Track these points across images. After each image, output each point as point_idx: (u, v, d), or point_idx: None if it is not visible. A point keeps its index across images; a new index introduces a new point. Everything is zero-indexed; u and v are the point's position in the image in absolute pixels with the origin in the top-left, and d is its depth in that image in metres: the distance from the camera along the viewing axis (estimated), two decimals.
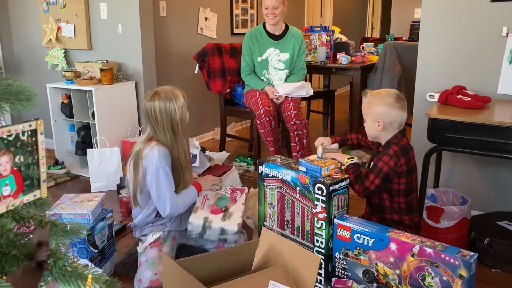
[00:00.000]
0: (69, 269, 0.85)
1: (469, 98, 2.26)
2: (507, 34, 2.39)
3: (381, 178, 1.90)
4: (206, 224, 2.06)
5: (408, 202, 1.98)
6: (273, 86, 3.41)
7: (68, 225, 0.91)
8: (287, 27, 3.46)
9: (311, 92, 3.39)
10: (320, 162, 1.85)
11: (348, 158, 2.00)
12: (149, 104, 2.03)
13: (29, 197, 0.87)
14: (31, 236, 0.84)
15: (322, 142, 2.17)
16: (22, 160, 0.85)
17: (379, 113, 1.93)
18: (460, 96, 2.30)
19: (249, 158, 3.73)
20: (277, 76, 3.45)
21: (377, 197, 2.01)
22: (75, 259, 0.98)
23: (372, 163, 1.99)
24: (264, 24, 3.45)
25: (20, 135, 0.84)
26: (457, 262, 1.46)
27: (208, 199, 2.18)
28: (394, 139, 1.94)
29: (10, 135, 0.83)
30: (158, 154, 1.99)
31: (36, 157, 0.87)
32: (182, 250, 2.24)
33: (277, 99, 3.31)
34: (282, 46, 3.41)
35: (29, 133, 0.86)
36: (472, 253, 1.48)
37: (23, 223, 0.86)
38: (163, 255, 1.64)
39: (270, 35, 3.42)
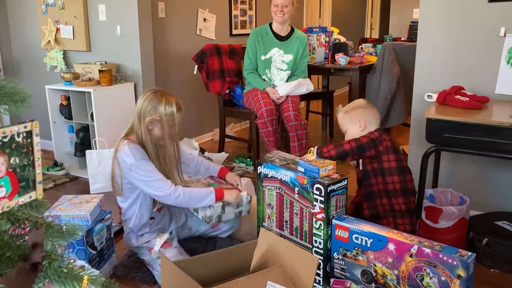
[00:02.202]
0: (65, 271, 0.84)
1: (467, 98, 2.26)
2: (505, 34, 2.39)
3: (357, 143, 1.99)
4: (224, 203, 2.09)
5: (402, 181, 2.02)
6: (274, 87, 3.42)
7: (64, 227, 0.90)
8: (292, 30, 3.47)
9: (311, 88, 3.40)
10: (318, 162, 1.85)
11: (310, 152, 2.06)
12: (141, 97, 2.05)
13: (24, 199, 0.86)
14: (27, 237, 0.84)
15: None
16: (18, 161, 0.85)
17: (358, 114, 2.11)
18: (458, 96, 2.30)
19: (248, 159, 3.73)
20: (279, 76, 3.46)
21: (369, 183, 2.05)
22: (72, 260, 0.98)
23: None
24: (270, 24, 3.46)
25: (15, 136, 0.84)
26: (455, 262, 1.46)
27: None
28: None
29: (5, 137, 0.82)
30: (129, 151, 1.98)
31: (31, 158, 0.87)
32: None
33: (278, 99, 3.32)
34: (287, 48, 3.42)
35: (24, 134, 0.86)
36: (470, 253, 1.48)
37: (18, 224, 0.86)
38: (162, 256, 1.64)
39: (276, 35, 3.42)
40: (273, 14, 3.35)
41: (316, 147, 2.03)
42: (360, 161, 2.14)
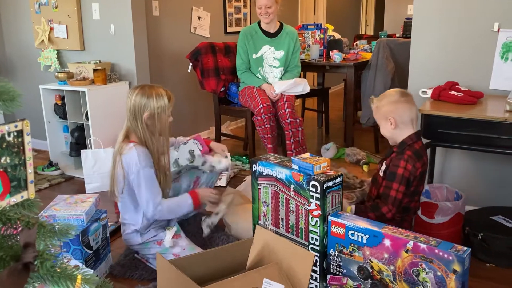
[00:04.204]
0: (58, 270, 0.84)
1: (462, 94, 2.27)
2: (499, 29, 2.40)
3: (405, 183, 1.88)
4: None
5: (408, 203, 1.97)
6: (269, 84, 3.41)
7: (56, 226, 0.90)
8: (281, 26, 3.46)
9: (307, 89, 3.39)
10: (312, 160, 1.84)
11: (350, 203, 2.01)
12: (130, 96, 2.05)
13: (16, 199, 0.86)
14: (19, 237, 0.83)
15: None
16: (8, 161, 0.84)
17: (387, 112, 1.95)
18: (453, 91, 2.31)
19: (244, 157, 3.72)
20: (272, 74, 3.45)
21: (377, 192, 2.01)
22: (66, 260, 0.97)
23: (388, 172, 1.95)
24: (259, 22, 3.45)
25: (6, 136, 0.84)
26: (450, 257, 1.46)
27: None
28: (409, 140, 1.93)
29: None
30: (137, 155, 2.00)
31: (22, 158, 0.87)
32: None
33: (274, 97, 3.32)
34: (277, 44, 3.42)
35: (15, 133, 0.85)
36: (465, 248, 1.49)
37: (10, 224, 0.85)
38: (157, 255, 1.63)
39: (265, 33, 3.42)
40: (259, 16, 3.36)
41: (353, 205, 2.00)
42: (383, 167, 2.03)
